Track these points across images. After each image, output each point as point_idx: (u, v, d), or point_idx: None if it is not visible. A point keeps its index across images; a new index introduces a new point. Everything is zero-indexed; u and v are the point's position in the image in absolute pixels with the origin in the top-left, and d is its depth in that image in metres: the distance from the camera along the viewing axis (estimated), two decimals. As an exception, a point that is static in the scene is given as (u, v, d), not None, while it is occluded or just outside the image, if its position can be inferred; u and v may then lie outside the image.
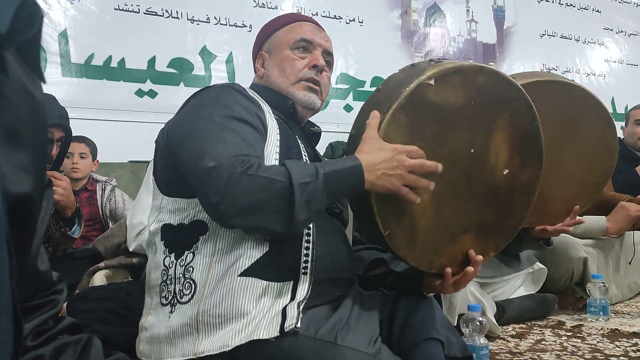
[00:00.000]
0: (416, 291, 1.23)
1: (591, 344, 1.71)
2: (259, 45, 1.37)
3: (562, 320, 2.04)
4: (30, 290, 0.58)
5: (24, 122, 0.45)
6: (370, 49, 3.89)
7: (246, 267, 1.02)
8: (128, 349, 1.08)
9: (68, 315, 1.05)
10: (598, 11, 5.02)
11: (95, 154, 2.58)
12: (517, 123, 1.24)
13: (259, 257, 1.03)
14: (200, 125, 1.06)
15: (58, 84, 2.96)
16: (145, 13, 3.23)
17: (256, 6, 3.56)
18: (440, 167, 1.08)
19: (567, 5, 4.87)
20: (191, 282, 1.03)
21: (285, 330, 0.98)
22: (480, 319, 1.53)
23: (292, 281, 1.05)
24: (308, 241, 1.08)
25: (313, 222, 1.08)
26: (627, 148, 3.06)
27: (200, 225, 1.06)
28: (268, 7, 3.58)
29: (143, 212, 1.65)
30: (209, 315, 0.99)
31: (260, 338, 0.97)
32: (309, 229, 1.08)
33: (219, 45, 3.43)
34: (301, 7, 3.70)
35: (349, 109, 3.81)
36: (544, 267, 2.08)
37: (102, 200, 2.50)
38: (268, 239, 1.05)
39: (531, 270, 2.06)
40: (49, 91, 2.54)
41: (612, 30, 5.09)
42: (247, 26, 3.50)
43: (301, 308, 1.01)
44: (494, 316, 1.82)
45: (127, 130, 3.05)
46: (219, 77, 3.39)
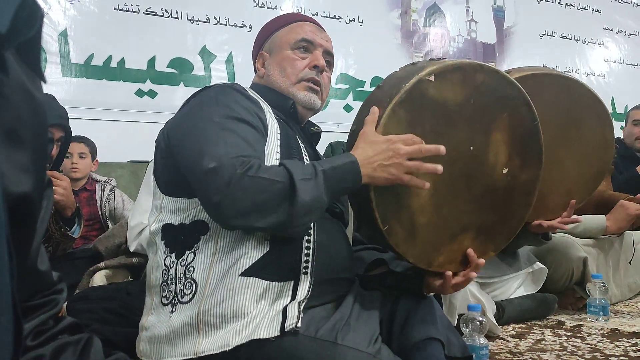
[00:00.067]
0: (416, 291, 1.23)
1: (591, 344, 1.71)
2: (260, 45, 1.37)
3: (562, 320, 2.04)
4: (30, 290, 0.58)
5: (24, 122, 0.45)
6: (370, 49, 3.89)
7: (247, 267, 1.02)
8: (128, 348, 1.08)
9: (68, 315, 1.05)
10: (598, 11, 5.02)
11: (95, 153, 2.58)
12: (516, 123, 1.24)
13: (259, 257, 1.03)
14: (200, 125, 1.06)
15: (58, 84, 2.96)
16: (145, 13, 3.22)
17: (256, 6, 3.55)
18: (443, 149, 1.06)
19: (567, 5, 4.87)
20: (192, 281, 1.03)
21: (285, 330, 0.98)
22: (480, 318, 1.53)
23: (293, 281, 1.05)
24: (309, 241, 1.08)
25: (314, 221, 1.08)
26: (627, 148, 3.06)
27: (201, 225, 1.06)
28: (268, 7, 3.58)
29: (143, 213, 1.66)
30: (210, 315, 0.99)
31: (260, 338, 0.97)
32: (309, 229, 1.08)
33: (218, 45, 3.42)
34: (301, 7, 3.70)
35: (349, 109, 3.81)
36: (544, 267, 2.08)
37: (102, 200, 2.50)
38: (269, 239, 1.05)
39: (531, 270, 2.06)
40: (49, 91, 2.54)
41: (612, 30, 5.09)
42: (247, 26, 3.50)
43: (302, 308, 1.01)
44: (494, 316, 1.82)
45: (127, 130, 3.05)
46: (218, 77, 3.39)
